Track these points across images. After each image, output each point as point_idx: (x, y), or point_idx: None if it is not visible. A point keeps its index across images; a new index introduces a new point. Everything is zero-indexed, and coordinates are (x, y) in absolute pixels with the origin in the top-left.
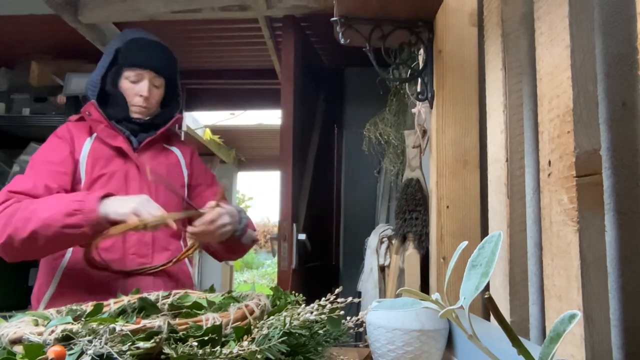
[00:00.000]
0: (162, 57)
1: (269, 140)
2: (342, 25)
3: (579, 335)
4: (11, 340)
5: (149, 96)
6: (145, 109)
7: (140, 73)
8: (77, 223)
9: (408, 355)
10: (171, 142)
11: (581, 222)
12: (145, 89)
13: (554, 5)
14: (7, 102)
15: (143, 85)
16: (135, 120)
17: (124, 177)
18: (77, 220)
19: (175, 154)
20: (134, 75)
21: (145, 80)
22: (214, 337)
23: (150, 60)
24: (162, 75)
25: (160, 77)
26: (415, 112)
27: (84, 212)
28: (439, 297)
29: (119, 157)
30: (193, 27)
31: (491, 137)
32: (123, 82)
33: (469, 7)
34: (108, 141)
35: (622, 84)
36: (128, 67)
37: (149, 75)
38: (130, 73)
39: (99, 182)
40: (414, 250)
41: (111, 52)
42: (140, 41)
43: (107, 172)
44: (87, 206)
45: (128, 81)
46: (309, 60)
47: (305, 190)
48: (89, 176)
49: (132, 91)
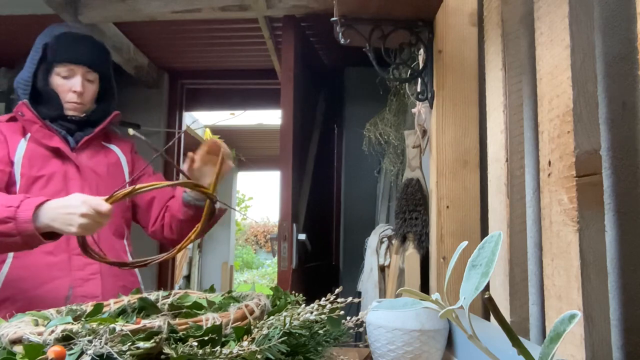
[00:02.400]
0: (94, 50)
1: (269, 140)
2: (342, 25)
3: (579, 335)
4: (11, 340)
5: (83, 91)
6: (79, 105)
7: (71, 68)
8: (9, 232)
9: (408, 355)
10: (110, 139)
11: (581, 222)
12: (79, 84)
13: (554, 5)
14: (7, 102)
15: (76, 81)
16: (70, 118)
17: (63, 177)
18: (8, 229)
19: (114, 152)
20: (66, 70)
21: (77, 75)
22: (214, 337)
23: (81, 55)
24: (95, 70)
25: (94, 72)
26: (415, 112)
27: (17, 222)
28: (439, 297)
29: (56, 158)
30: (193, 27)
31: (491, 137)
32: (54, 79)
33: (469, 7)
34: (44, 142)
35: (622, 84)
36: (58, 62)
37: (81, 70)
38: (62, 69)
39: (38, 184)
40: (414, 250)
41: (39, 48)
42: (70, 35)
43: (45, 174)
44: (21, 215)
45: (60, 77)
46: (309, 60)
47: (305, 190)
48: (26, 178)
49: (64, 87)
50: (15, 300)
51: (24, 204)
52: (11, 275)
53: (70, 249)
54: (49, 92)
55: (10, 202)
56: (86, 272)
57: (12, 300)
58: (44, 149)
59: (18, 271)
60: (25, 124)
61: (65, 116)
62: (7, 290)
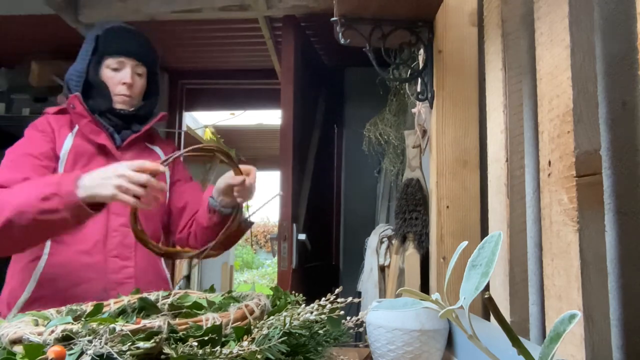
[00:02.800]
0: (144, 44)
1: (269, 140)
2: (342, 25)
3: (579, 335)
4: (11, 340)
5: (132, 84)
6: (129, 98)
7: (122, 61)
8: (55, 207)
9: (408, 355)
10: (153, 141)
11: (581, 222)
12: (129, 76)
13: (554, 5)
14: (7, 102)
15: (126, 73)
16: (119, 112)
17: None
18: (54, 205)
19: (157, 154)
20: (116, 63)
21: (127, 67)
22: (214, 337)
23: (132, 48)
24: (145, 64)
25: (143, 66)
26: (415, 112)
27: (61, 195)
28: (439, 297)
29: (100, 155)
30: (193, 27)
31: (491, 137)
32: (104, 72)
33: (469, 7)
34: (91, 137)
35: (622, 84)
36: (110, 55)
37: (131, 63)
38: (112, 61)
39: None
40: (414, 250)
41: (91, 40)
42: (121, 28)
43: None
44: (64, 188)
45: (110, 69)
46: (309, 60)
47: (305, 190)
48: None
49: (114, 80)
50: (48, 299)
51: (63, 179)
52: (46, 274)
53: (106, 251)
54: (100, 84)
55: (49, 180)
56: (121, 275)
57: (46, 300)
58: (90, 145)
59: (54, 269)
60: (75, 118)
61: (114, 110)
62: (41, 289)
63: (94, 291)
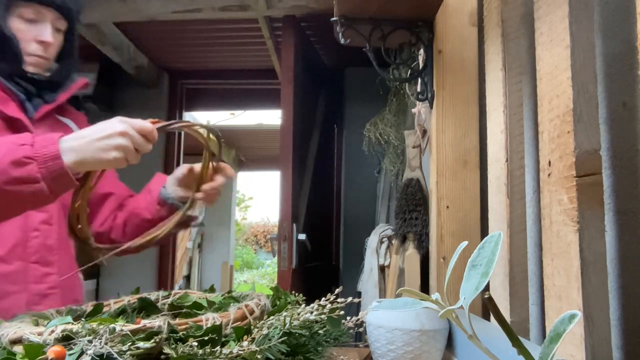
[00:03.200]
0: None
1: (269, 140)
2: (342, 25)
3: (579, 335)
4: (11, 340)
5: (52, 42)
6: (44, 60)
7: (40, 11)
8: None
9: (408, 355)
10: (63, 112)
11: (581, 222)
12: (48, 32)
13: (554, 5)
14: None
15: (44, 28)
16: (31, 76)
17: None
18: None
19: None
20: (32, 12)
21: (46, 21)
22: (214, 337)
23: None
24: (67, 18)
25: (64, 19)
26: (415, 112)
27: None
28: (439, 297)
29: (9, 130)
30: (193, 27)
31: (491, 137)
32: (15, 22)
33: (469, 7)
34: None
35: (622, 84)
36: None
37: (51, 15)
38: (27, 10)
39: None
40: (414, 250)
41: None
42: None
43: None
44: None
45: (22, 20)
46: (309, 60)
47: (305, 190)
48: None
49: (28, 35)
50: None
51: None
52: None
53: (27, 255)
54: (8, 40)
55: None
56: (44, 285)
57: None
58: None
59: None
60: None
61: (24, 73)
62: None
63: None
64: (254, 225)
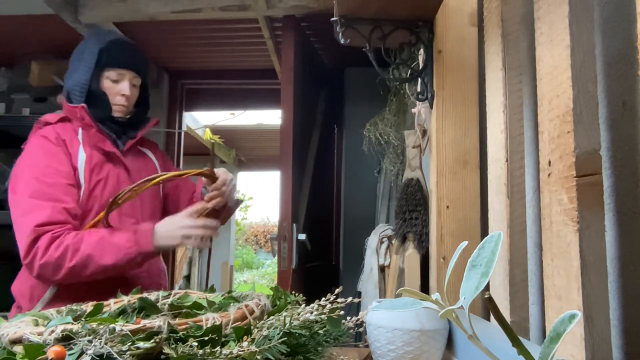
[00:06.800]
0: (141, 58)
1: (269, 140)
2: (342, 25)
3: (579, 335)
4: (11, 340)
5: (130, 95)
6: (125, 107)
7: (122, 73)
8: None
9: (408, 355)
10: (143, 144)
11: (581, 222)
12: (127, 88)
13: (554, 5)
14: (7, 102)
15: (125, 85)
16: (117, 119)
17: (117, 181)
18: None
19: (149, 157)
20: (116, 74)
21: (126, 79)
22: (214, 337)
23: (132, 61)
24: (140, 76)
25: (139, 77)
26: (415, 112)
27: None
28: (439, 297)
29: (109, 162)
30: (193, 27)
31: (491, 137)
32: (104, 82)
33: (469, 7)
34: (99, 145)
35: (622, 84)
36: (112, 67)
37: (129, 75)
38: (112, 72)
39: (97, 188)
40: (414, 250)
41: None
42: (122, 42)
43: (102, 178)
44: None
45: (109, 80)
46: (309, 60)
47: (305, 190)
48: (88, 183)
49: (113, 90)
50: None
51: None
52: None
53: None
54: (101, 94)
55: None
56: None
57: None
58: (99, 153)
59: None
60: (83, 127)
61: (112, 117)
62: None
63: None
64: (254, 225)
